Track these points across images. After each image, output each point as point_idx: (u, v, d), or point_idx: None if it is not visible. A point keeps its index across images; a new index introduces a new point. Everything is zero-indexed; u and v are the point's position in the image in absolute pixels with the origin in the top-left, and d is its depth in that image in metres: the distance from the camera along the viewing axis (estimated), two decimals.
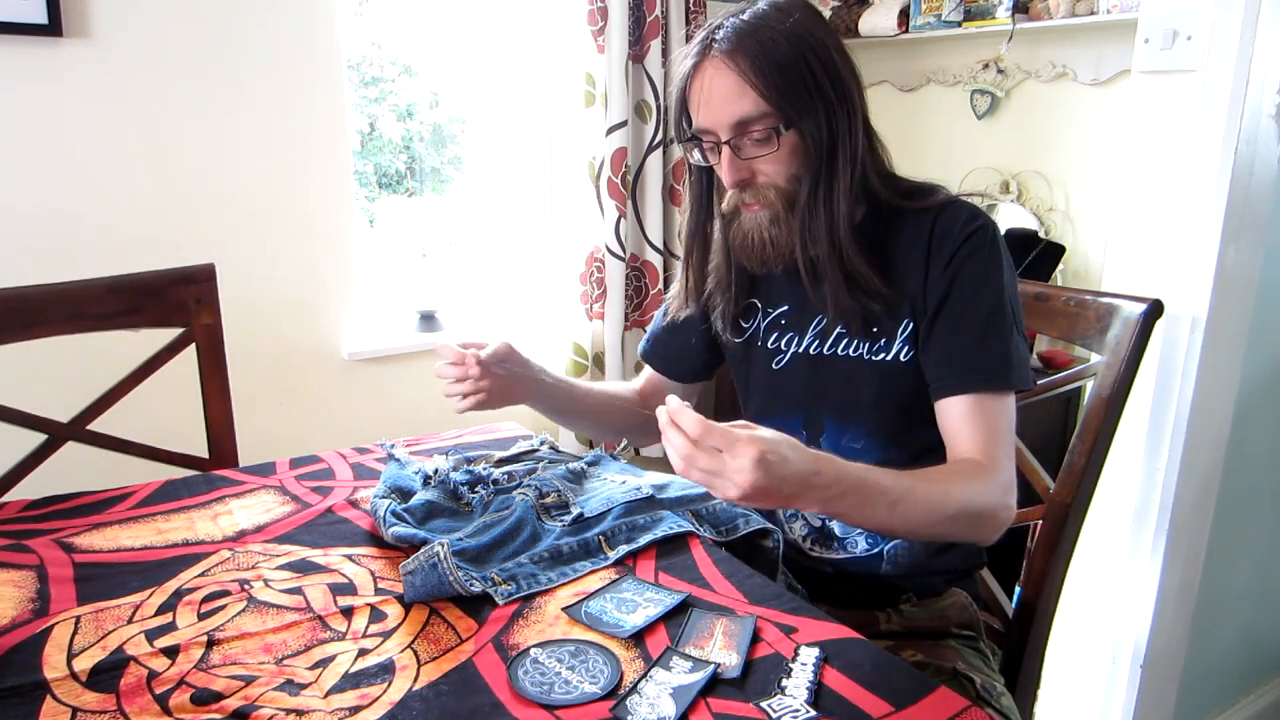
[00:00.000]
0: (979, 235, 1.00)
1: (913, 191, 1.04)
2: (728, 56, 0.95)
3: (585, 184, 2.38)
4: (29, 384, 1.45)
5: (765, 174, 0.99)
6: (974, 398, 0.98)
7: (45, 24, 1.71)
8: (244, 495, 1.14)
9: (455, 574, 0.87)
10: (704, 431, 0.77)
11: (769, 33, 0.95)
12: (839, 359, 1.06)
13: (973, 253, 0.99)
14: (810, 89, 0.96)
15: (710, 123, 0.98)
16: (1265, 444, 1.73)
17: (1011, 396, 0.99)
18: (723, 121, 0.97)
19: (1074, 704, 1.64)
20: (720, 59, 0.96)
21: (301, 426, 2.16)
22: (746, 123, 0.96)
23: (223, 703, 0.73)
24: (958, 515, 0.91)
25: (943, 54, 2.64)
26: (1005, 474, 0.96)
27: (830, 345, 1.07)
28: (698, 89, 0.98)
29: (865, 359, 1.04)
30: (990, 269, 1.00)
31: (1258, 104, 1.35)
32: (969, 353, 0.99)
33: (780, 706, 0.72)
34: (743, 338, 1.15)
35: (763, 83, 0.94)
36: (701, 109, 0.98)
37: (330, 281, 2.16)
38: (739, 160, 0.98)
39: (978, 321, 0.99)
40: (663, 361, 1.27)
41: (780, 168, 0.99)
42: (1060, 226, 2.40)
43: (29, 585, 0.90)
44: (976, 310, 0.99)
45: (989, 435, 0.97)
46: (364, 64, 2.55)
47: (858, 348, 1.05)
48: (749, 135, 0.97)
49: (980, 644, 1.12)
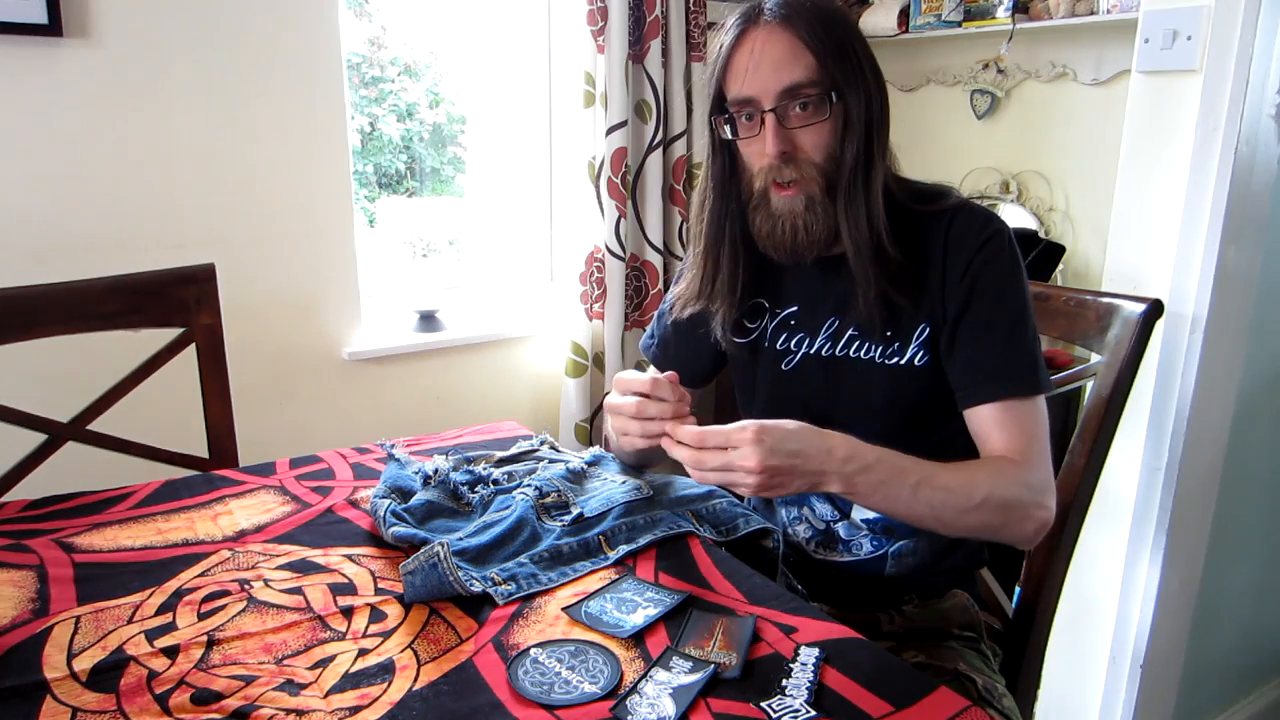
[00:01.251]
0: (995, 241, 0.99)
1: (924, 195, 1.03)
2: (783, 21, 0.95)
3: (585, 184, 2.38)
4: (29, 384, 1.45)
5: (806, 149, 0.97)
6: (1005, 404, 0.97)
7: (45, 24, 1.71)
8: (244, 495, 1.14)
9: (455, 574, 0.87)
10: (702, 436, 0.80)
11: (820, 6, 0.97)
12: (851, 361, 1.05)
13: (990, 259, 0.99)
14: (858, 65, 0.97)
15: (757, 89, 0.96)
16: (1265, 444, 1.73)
17: (1042, 400, 0.99)
18: (771, 88, 0.95)
19: (1074, 704, 1.65)
20: (775, 24, 0.96)
21: (301, 426, 2.16)
22: (796, 89, 0.95)
23: (223, 703, 0.73)
24: (984, 505, 0.90)
25: (943, 54, 2.64)
26: (1040, 473, 0.96)
27: (843, 347, 1.06)
28: (744, 56, 0.97)
29: (878, 362, 1.03)
30: (1009, 275, 0.99)
31: (1258, 104, 1.35)
32: (996, 359, 0.98)
33: (780, 706, 0.72)
34: (748, 339, 1.13)
35: (820, 48, 0.94)
36: (748, 76, 0.97)
37: (330, 281, 2.16)
38: (783, 129, 0.97)
39: (1002, 328, 0.98)
40: (669, 365, 1.24)
41: (824, 141, 0.97)
42: (1060, 226, 2.41)
43: (29, 585, 0.90)
44: (1000, 317, 0.99)
45: (1023, 437, 0.96)
46: (364, 64, 2.55)
47: (869, 350, 1.04)
48: (798, 102, 0.96)
49: (981, 645, 1.11)
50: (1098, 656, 1.59)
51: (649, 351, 1.25)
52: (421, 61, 2.65)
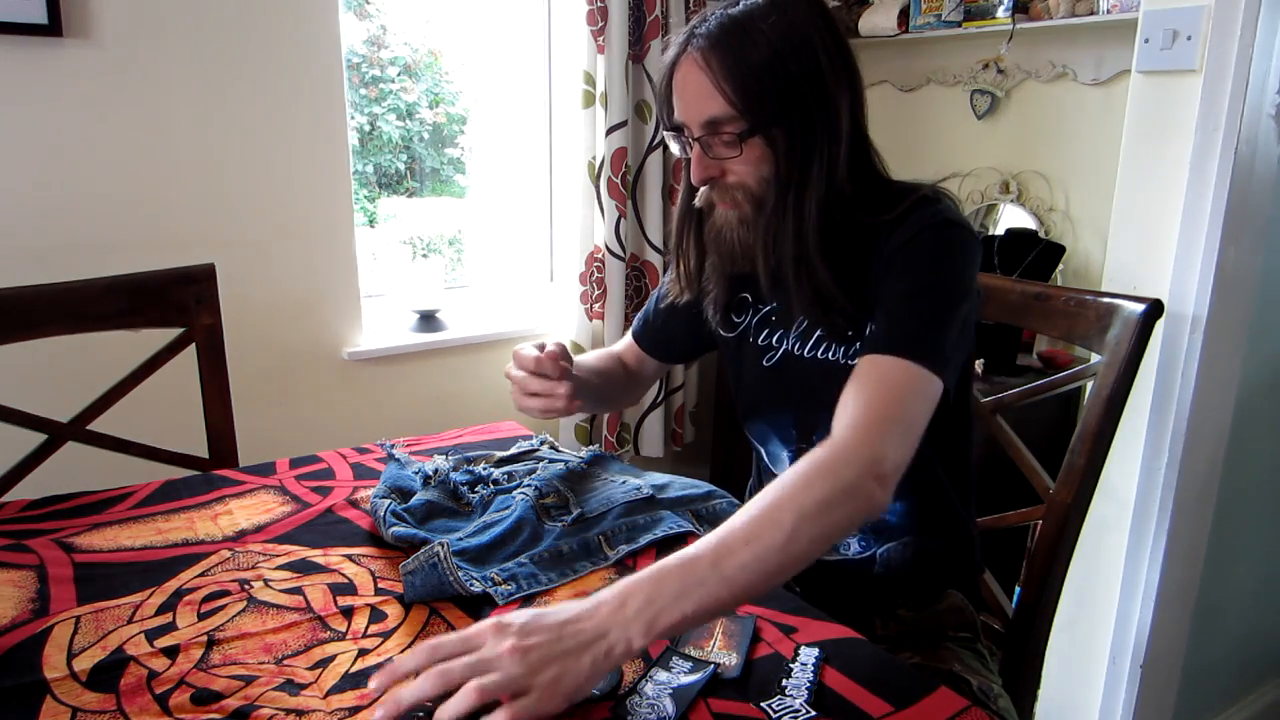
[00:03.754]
0: (930, 230, 0.94)
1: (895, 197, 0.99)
2: (702, 55, 0.93)
3: (585, 184, 2.38)
4: (29, 384, 1.45)
5: (735, 174, 0.97)
6: (874, 358, 0.90)
7: (45, 24, 1.71)
8: (244, 495, 1.14)
9: (455, 574, 0.87)
10: (435, 648, 0.68)
11: (751, 32, 0.92)
12: (820, 362, 1.04)
13: (918, 242, 0.94)
14: (785, 95, 0.93)
15: (684, 118, 0.97)
16: (1265, 444, 1.73)
17: (919, 370, 0.88)
18: (694, 119, 0.96)
19: (1074, 704, 1.65)
20: (696, 56, 0.94)
21: (301, 426, 2.16)
22: (716, 123, 0.95)
23: (223, 703, 0.73)
24: (800, 524, 0.75)
25: (943, 54, 2.64)
26: (872, 448, 0.81)
27: (810, 348, 1.05)
28: (677, 82, 0.97)
29: (841, 363, 1.02)
30: (932, 255, 0.94)
31: (1258, 104, 1.35)
32: (887, 325, 0.92)
33: (780, 706, 0.72)
34: (734, 332, 1.13)
35: (731, 86, 0.92)
36: (678, 103, 0.97)
37: (330, 281, 2.16)
38: (707, 159, 0.97)
39: (903, 298, 0.93)
40: (650, 343, 1.27)
41: (749, 169, 0.96)
42: (1060, 226, 2.41)
43: (29, 585, 0.90)
44: (904, 287, 0.94)
45: (860, 404, 0.85)
46: (364, 64, 2.55)
47: (834, 351, 1.03)
48: (719, 136, 0.95)
49: (978, 645, 1.11)
50: (1098, 656, 1.59)
51: (637, 328, 1.28)
52: (421, 61, 2.65)
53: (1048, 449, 1.28)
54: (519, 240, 2.61)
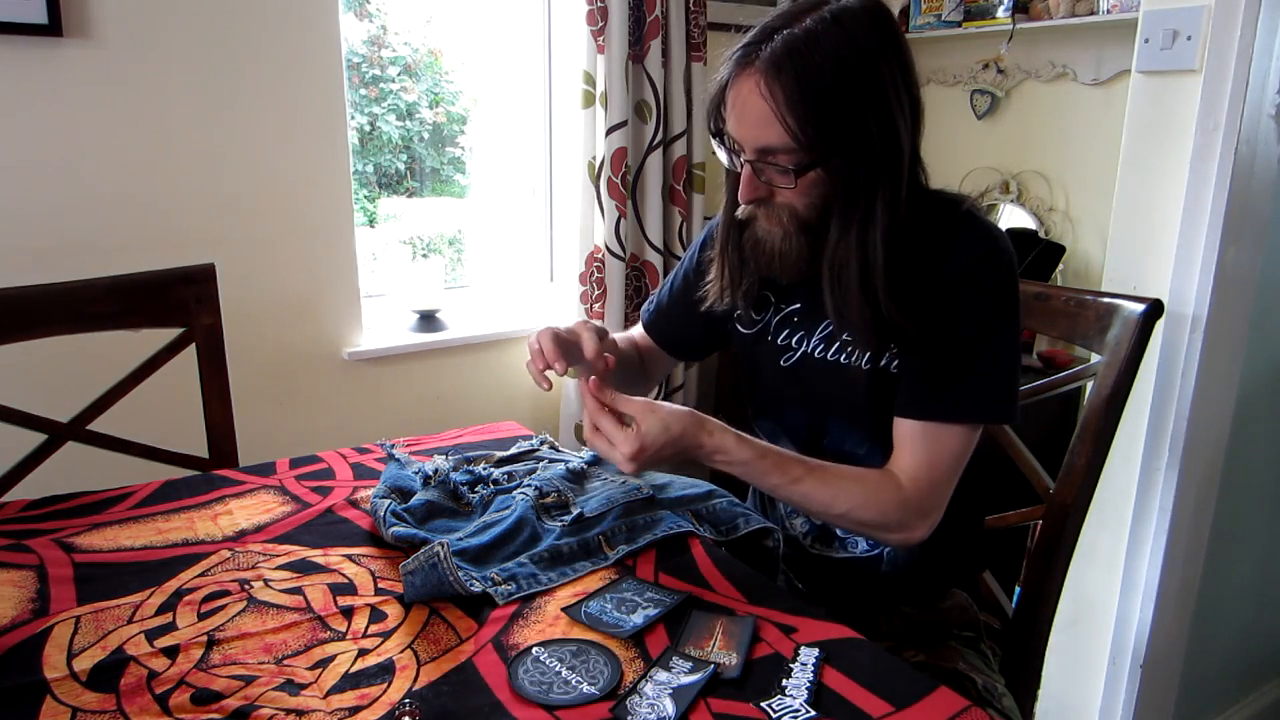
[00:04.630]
0: (982, 263, 0.96)
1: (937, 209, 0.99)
2: (765, 80, 0.89)
3: (585, 184, 2.38)
4: (29, 384, 1.45)
5: (784, 197, 0.95)
6: (925, 425, 0.97)
7: (45, 24, 1.71)
8: (244, 495, 1.14)
9: (455, 574, 0.87)
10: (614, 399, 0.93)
11: (818, 58, 0.88)
12: (843, 366, 1.04)
13: (971, 281, 0.95)
14: (848, 126, 0.90)
15: (739, 136, 0.94)
16: (1265, 444, 1.73)
17: (968, 429, 0.97)
18: (750, 142, 0.93)
19: (1074, 704, 1.65)
20: (758, 79, 0.89)
21: (301, 426, 2.16)
22: (771, 151, 0.92)
23: (223, 703, 0.73)
24: (844, 517, 0.97)
25: (943, 54, 2.64)
26: (923, 501, 0.97)
27: (835, 352, 1.05)
28: (733, 97, 0.94)
29: (864, 368, 1.02)
30: (984, 299, 0.95)
31: (1258, 104, 1.35)
32: (936, 382, 0.96)
33: (780, 706, 0.72)
34: (753, 330, 1.13)
35: (795, 119, 0.88)
36: (732, 119, 0.94)
37: (330, 281, 2.16)
38: (758, 181, 0.95)
39: (954, 352, 0.96)
40: (663, 336, 1.24)
41: (800, 195, 0.95)
42: (1060, 226, 2.41)
43: (29, 585, 0.90)
44: (956, 340, 0.96)
45: (924, 463, 0.97)
46: (364, 64, 2.55)
47: (859, 357, 1.03)
48: (774, 162, 0.93)
49: (981, 644, 1.12)
50: (1098, 656, 1.59)
51: (647, 315, 1.26)
52: (422, 61, 2.65)
53: (1048, 449, 1.28)
54: (519, 240, 2.61)
